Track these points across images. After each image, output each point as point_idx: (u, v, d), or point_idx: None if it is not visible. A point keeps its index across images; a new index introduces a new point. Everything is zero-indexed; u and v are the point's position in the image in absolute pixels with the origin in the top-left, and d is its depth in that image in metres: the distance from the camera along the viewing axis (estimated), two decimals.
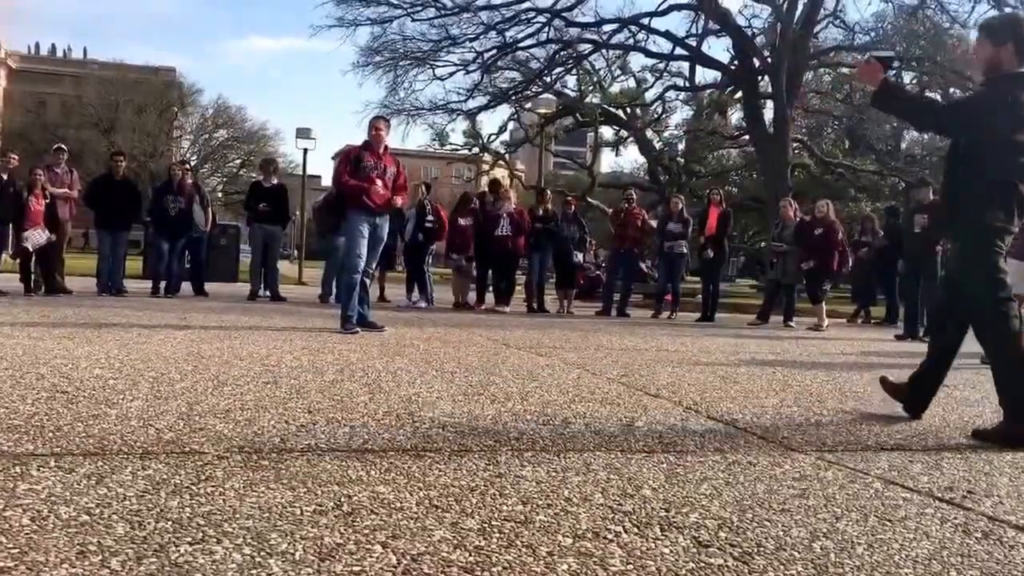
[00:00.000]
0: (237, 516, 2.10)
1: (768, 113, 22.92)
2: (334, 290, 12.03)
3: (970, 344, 4.06)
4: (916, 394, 4.22)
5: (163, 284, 11.65)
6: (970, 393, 5.34)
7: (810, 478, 2.85)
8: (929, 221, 10.30)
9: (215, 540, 1.92)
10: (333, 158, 76.80)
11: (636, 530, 2.18)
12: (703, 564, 1.96)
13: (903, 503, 2.59)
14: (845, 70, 27.93)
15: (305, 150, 21.12)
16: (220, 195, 50.77)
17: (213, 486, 2.35)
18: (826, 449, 3.35)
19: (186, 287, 12.05)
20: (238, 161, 57.87)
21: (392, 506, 2.26)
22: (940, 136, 3.78)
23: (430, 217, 12.33)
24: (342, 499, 2.30)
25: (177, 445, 2.82)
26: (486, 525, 2.15)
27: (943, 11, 22.74)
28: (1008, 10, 20.87)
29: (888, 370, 4.70)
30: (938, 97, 25.00)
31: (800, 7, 21.86)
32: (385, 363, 5.31)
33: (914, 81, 29.41)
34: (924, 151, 32.02)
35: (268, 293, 12.04)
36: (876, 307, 14.52)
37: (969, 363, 7.48)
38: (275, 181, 12.46)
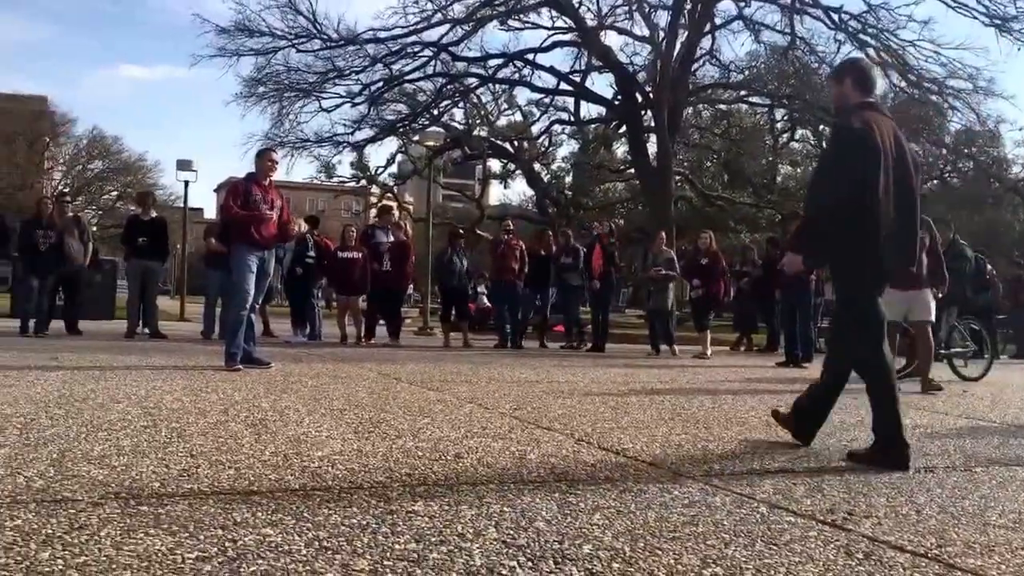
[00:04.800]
0: (114, 566, 1.99)
1: (652, 147, 23.65)
2: (216, 327, 11.71)
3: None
4: (806, 421, 4.30)
5: (32, 322, 11.02)
6: (846, 417, 5.58)
7: (699, 504, 2.91)
8: None
9: None
10: (216, 191, 74.70)
11: (530, 564, 2.17)
12: None
13: (788, 527, 2.67)
14: (722, 106, 29.24)
15: (186, 182, 20.47)
16: (96, 228, 48.47)
17: (88, 535, 2.22)
18: (713, 475, 3.43)
19: (58, 326, 11.43)
20: (115, 193, 55.44)
21: (280, 549, 2.18)
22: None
23: (311, 252, 12.15)
24: (226, 544, 2.20)
25: (48, 493, 2.65)
26: (378, 565, 2.10)
27: (811, 52, 24.08)
28: (871, 51, 22.33)
29: (771, 396, 4.85)
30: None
31: (678, 46, 22.75)
32: (272, 401, 5.16)
33: (784, 118, 31.03)
34: (797, 184, 33.66)
35: (147, 330, 11.56)
36: (758, 335, 15.07)
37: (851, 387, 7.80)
38: (154, 214, 12.04)
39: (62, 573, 1.93)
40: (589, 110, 28.07)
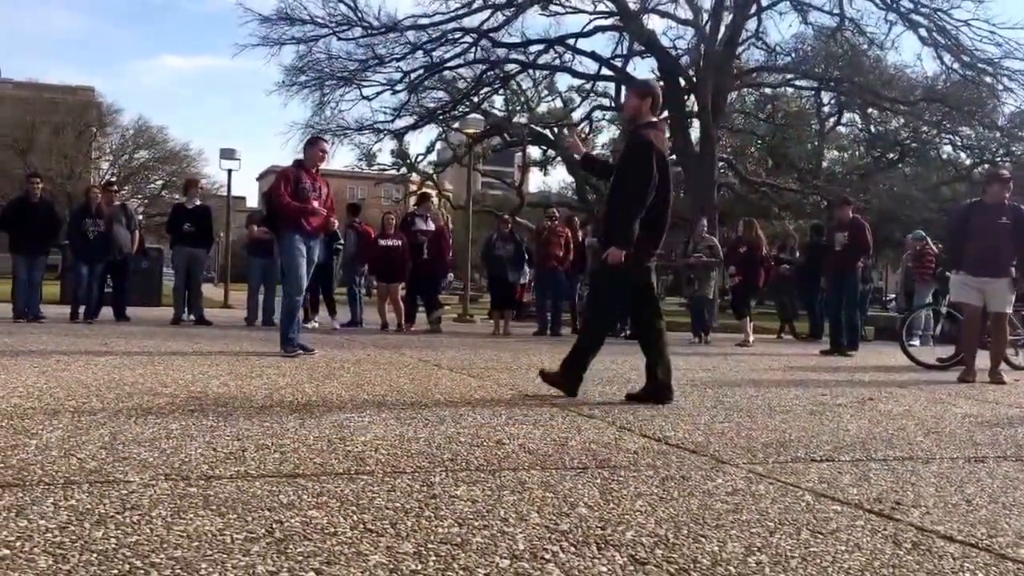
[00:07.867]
0: (165, 546, 2.03)
1: (694, 132, 23.38)
2: (260, 313, 11.87)
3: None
4: (573, 375, 5.25)
5: (83, 309, 11.27)
6: (893, 406, 5.50)
7: (743, 492, 2.89)
8: (849, 239, 10.61)
9: (142, 571, 1.85)
10: (258, 179, 75.41)
11: (573, 549, 2.17)
12: None
13: (834, 515, 2.64)
14: (767, 90, 28.74)
15: (230, 171, 20.68)
16: (142, 217, 49.28)
17: (139, 515, 2.27)
18: (757, 463, 3.40)
19: (107, 312, 11.67)
20: (160, 182, 56.39)
21: (326, 531, 2.21)
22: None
23: (341, 241, 12.22)
24: (274, 525, 2.24)
25: (100, 474, 2.72)
26: (422, 548, 2.12)
27: (861, 33, 23.48)
28: (922, 31, 21.77)
29: (816, 385, 4.80)
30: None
31: (723, 29, 22.39)
32: (315, 387, 5.22)
33: (832, 101, 30.36)
34: (844, 169, 32.98)
35: (192, 317, 11.75)
36: (801, 323, 14.87)
37: (897, 378, 7.73)
38: (198, 202, 12.20)
39: (115, 551, 1.97)
40: None
